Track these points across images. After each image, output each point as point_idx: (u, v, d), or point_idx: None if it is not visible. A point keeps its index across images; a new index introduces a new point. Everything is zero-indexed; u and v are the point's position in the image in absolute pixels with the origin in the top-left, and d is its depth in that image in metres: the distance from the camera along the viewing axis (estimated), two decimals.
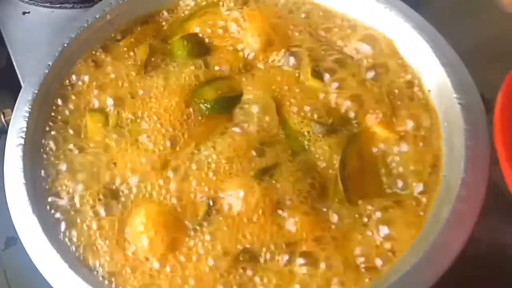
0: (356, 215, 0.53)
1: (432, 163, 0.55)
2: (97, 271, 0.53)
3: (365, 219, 0.53)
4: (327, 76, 0.61)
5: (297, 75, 0.62)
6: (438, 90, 0.59)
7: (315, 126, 0.58)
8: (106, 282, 0.52)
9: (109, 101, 0.62)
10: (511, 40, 0.73)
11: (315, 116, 0.59)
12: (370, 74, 0.61)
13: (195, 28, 0.66)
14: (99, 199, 0.56)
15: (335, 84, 0.61)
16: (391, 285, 0.48)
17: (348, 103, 0.59)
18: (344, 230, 0.53)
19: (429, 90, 0.60)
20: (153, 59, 0.65)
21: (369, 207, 0.53)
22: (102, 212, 0.56)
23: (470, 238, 0.49)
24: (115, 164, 0.58)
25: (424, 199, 0.53)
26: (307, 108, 0.59)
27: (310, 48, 0.64)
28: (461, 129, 0.54)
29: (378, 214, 0.53)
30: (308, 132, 0.58)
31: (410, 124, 0.58)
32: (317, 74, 0.61)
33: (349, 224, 0.53)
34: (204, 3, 0.69)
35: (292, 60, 0.63)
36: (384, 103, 0.59)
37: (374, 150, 0.57)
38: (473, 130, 0.54)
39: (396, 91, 0.60)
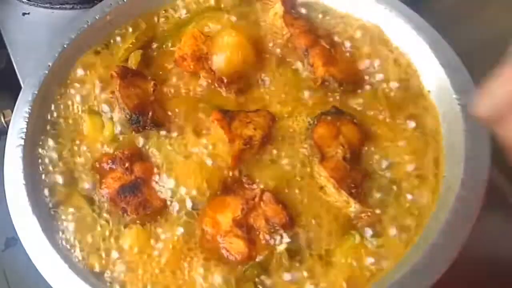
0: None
1: (432, 163, 0.55)
2: (97, 271, 0.53)
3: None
4: None
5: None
6: (438, 90, 0.59)
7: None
8: (106, 282, 0.52)
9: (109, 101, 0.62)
10: (511, 40, 0.73)
11: None
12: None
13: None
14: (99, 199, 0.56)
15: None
16: (391, 285, 0.48)
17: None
18: None
19: (429, 91, 0.60)
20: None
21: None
22: (102, 212, 0.56)
23: (470, 238, 0.49)
24: None
25: (424, 199, 0.53)
26: None
27: None
28: (461, 129, 0.54)
29: (378, 211, 0.53)
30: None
31: (410, 124, 0.58)
32: None
33: None
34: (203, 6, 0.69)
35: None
36: (384, 103, 0.59)
37: (374, 150, 0.57)
38: (473, 130, 0.54)
39: (396, 91, 0.60)
